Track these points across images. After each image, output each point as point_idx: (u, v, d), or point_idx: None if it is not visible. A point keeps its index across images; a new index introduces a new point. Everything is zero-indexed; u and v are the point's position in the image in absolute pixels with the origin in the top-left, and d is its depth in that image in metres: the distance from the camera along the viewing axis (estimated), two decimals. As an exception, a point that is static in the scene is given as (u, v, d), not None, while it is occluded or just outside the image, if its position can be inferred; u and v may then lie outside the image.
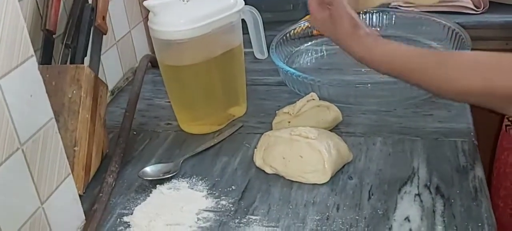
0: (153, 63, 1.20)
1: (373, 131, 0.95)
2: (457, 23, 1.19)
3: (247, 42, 1.09)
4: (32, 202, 0.69)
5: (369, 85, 1.01)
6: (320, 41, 1.28)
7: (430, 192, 0.79)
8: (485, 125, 1.00)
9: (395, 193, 0.80)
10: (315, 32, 1.29)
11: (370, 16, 1.31)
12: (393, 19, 1.28)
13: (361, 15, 1.30)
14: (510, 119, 1.06)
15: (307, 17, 1.37)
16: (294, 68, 1.10)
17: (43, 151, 0.71)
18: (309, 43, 1.29)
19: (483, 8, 1.34)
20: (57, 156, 0.74)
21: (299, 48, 1.27)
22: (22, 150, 0.67)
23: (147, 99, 1.14)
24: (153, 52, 1.06)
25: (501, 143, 1.10)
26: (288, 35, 1.25)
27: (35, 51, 0.70)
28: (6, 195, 0.64)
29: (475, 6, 1.34)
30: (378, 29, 1.28)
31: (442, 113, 0.98)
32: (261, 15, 1.06)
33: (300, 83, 1.06)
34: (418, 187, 0.81)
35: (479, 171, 0.82)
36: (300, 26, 1.28)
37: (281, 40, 1.22)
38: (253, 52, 1.20)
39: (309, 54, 1.26)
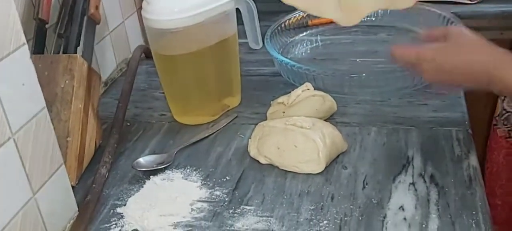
0: (147, 54, 1.19)
1: (368, 121, 0.95)
2: (453, 13, 1.18)
3: (242, 33, 1.08)
4: (24, 192, 0.69)
5: (364, 75, 1.00)
6: (315, 32, 1.28)
7: (425, 181, 0.79)
8: (476, 123, 0.98)
9: (390, 182, 0.80)
10: (310, 22, 1.29)
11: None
12: (389, 12, 1.27)
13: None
14: (497, 117, 1.06)
15: (302, 7, 1.37)
16: (289, 59, 1.09)
17: (35, 141, 0.70)
18: (304, 33, 1.28)
19: (478, -2, 1.34)
20: (50, 146, 0.74)
21: (294, 38, 1.26)
22: (14, 140, 0.66)
23: (141, 90, 1.13)
24: (147, 43, 1.06)
25: (490, 143, 1.11)
26: (283, 25, 1.24)
27: (27, 41, 0.69)
28: (-3, 185, 0.64)
29: (470, -4, 1.34)
30: (373, 19, 1.27)
31: (437, 102, 0.98)
32: (256, 5, 1.06)
33: (295, 73, 1.05)
34: (412, 176, 0.80)
35: (474, 160, 0.82)
36: (295, 16, 1.27)
37: (276, 31, 1.21)
38: (248, 42, 1.20)
39: (304, 44, 1.25)
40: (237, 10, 1.02)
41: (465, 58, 0.76)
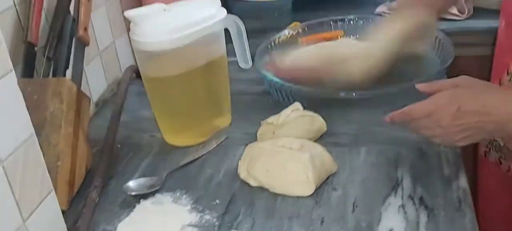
0: (138, 74, 1.19)
1: (358, 141, 0.95)
2: (442, 29, 1.19)
3: (232, 52, 1.09)
4: (14, 219, 0.68)
5: (354, 94, 1.00)
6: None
7: (414, 203, 0.79)
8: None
9: (379, 204, 0.80)
10: (300, 40, 1.29)
11: (355, 22, 1.30)
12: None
13: (346, 21, 1.30)
14: (489, 145, 1.06)
15: (293, 24, 1.37)
16: (279, 77, 1.09)
17: (24, 167, 0.70)
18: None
19: (467, 13, 1.35)
20: (39, 172, 0.73)
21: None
22: (3, 166, 0.66)
23: (131, 111, 1.13)
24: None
25: (482, 169, 1.11)
26: (272, 43, 1.25)
27: (16, 64, 0.69)
28: (-14, 214, 0.63)
29: (459, 12, 1.35)
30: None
31: (426, 122, 0.98)
32: (246, 23, 1.06)
33: (285, 93, 1.06)
34: (402, 198, 0.81)
35: (463, 181, 0.83)
36: (285, 35, 1.28)
37: (265, 49, 1.22)
38: (237, 61, 1.20)
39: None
40: (226, 30, 1.02)
41: (485, 98, 0.76)
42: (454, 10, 1.35)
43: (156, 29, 0.91)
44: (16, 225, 0.69)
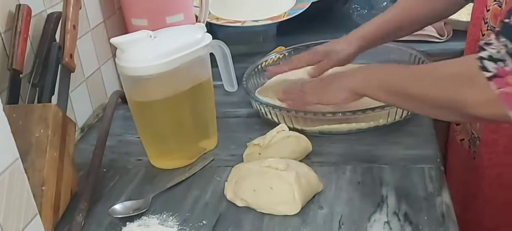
0: (124, 99, 1.19)
1: (343, 160, 0.96)
2: (422, 51, 1.22)
3: (217, 75, 1.10)
4: (-3, 244, 0.68)
5: (340, 113, 1.01)
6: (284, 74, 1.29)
7: (399, 219, 0.80)
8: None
9: (365, 221, 0.80)
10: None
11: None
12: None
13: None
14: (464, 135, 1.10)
15: (277, 49, 1.39)
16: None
17: (9, 192, 0.70)
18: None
19: (447, 36, 1.38)
20: (24, 197, 0.73)
21: (270, 79, 1.28)
22: (-13, 191, 0.66)
23: (117, 135, 1.13)
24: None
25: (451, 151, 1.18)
26: (259, 66, 1.26)
27: (1, 91, 0.69)
28: (-30, 238, 0.63)
29: (439, 34, 1.38)
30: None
31: (410, 140, 1.00)
32: (231, 48, 1.08)
33: (273, 114, 1.07)
34: (387, 214, 0.81)
35: (446, 197, 0.84)
36: (271, 58, 1.30)
37: (252, 72, 1.23)
38: (223, 85, 1.21)
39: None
40: (212, 54, 1.03)
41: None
42: (434, 33, 1.38)
43: (142, 54, 0.92)
44: (1, 250, 0.68)
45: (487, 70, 0.70)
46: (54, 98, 0.96)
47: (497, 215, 1.06)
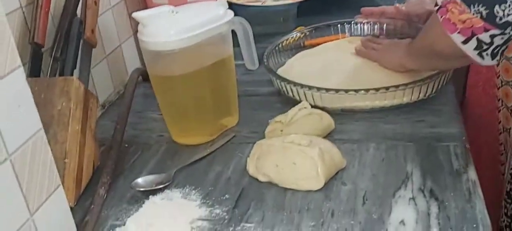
0: (144, 77, 1.19)
1: (366, 138, 0.95)
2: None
3: (239, 55, 1.09)
4: (21, 213, 0.68)
5: (362, 91, 1.00)
6: (309, 52, 1.28)
7: (424, 196, 0.79)
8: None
9: (390, 197, 0.79)
10: (306, 42, 1.30)
11: (361, 26, 1.31)
12: (384, 27, 1.29)
13: (352, 24, 1.30)
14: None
15: (298, 29, 1.38)
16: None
17: (32, 162, 0.70)
18: (300, 53, 1.28)
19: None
20: (47, 167, 0.73)
21: (290, 58, 1.26)
22: (10, 160, 0.66)
23: (138, 112, 1.13)
24: (144, 66, 1.06)
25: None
26: (280, 46, 1.25)
27: (23, 64, 0.69)
28: (-6, 205, 0.63)
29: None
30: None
31: (434, 119, 0.98)
32: (251, 28, 1.07)
33: (295, 92, 1.06)
34: (412, 191, 0.80)
35: (472, 174, 0.82)
36: (292, 37, 1.28)
37: (273, 51, 1.22)
38: (244, 64, 1.20)
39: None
40: (233, 32, 1.03)
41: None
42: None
43: (164, 29, 0.91)
44: (23, 219, 0.68)
45: (437, 5, 0.83)
46: (75, 74, 0.96)
47: None
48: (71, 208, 0.80)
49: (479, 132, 1.20)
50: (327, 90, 1.01)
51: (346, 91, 1.00)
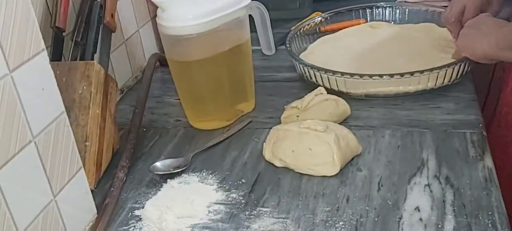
0: (162, 62, 1.21)
1: (382, 124, 0.96)
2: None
3: (255, 40, 1.09)
4: (44, 194, 0.70)
5: (384, 77, 1.00)
6: (327, 38, 1.28)
7: (440, 182, 0.79)
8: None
9: (405, 184, 0.80)
10: (322, 28, 1.30)
11: (383, 11, 1.31)
12: (406, 13, 1.28)
13: (374, 9, 1.30)
14: None
15: (314, 14, 1.38)
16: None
17: (55, 144, 0.72)
18: (321, 39, 1.28)
19: None
20: (69, 150, 0.75)
21: (308, 44, 1.26)
22: (35, 142, 0.67)
23: (156, 97, 1.15)
24: (162, 51, 1.07)
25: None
26: (301, 30, 1.25)
27: (46, 48, 0.71)
28: (19, 186, 0.65)
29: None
30: (392, 22, 1.29)
31: (450, 105, 0.98)
32: (268, 14, 1.07)
33: (318, 77, 1.06)
34: (427, 177, 0.81)
35: (489, 161, 0.82)
36: (313, 22, 1.29)
37: (295, 36, 1.22)
38: (261, 49, 1.21)
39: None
40: (250, 17, 1.03)
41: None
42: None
43: (183, 14, 0.92)
44: (47, 200, 0.70)
45: None
46: (96, 58, 0.97)
47: None
48: (92, 191, 0.82)
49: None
50: (352, 75, 1.02)
51: (371, 76, 1.00)
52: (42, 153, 0.69)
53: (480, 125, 0.92)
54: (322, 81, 1.05)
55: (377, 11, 1.30)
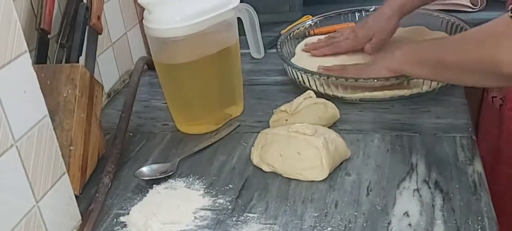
0: (150, 66, 1.19)
1: (371, 128, 0.95)
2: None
3: (244, 43, 1.08)
4: (26, 200, 0.68)
5: (375, 80, 0.99)
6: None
7: (429, 187, 0.78)
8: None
9: (394, 188, 0.79)
10: (312, 32, 1.29)
11: (365, 14, 1.30)
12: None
13: (363, 12, 1.30)
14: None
15: (304, 18, 1.37)
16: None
17: (37, 148, 0.70)
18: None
19: (480, 6, 1.34)
20: (52, 154, 0.73)
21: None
22: (16, 147, 0.66)
23: (143, 101, 1.13)
24: (150, 54, 1.06)
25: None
26: (289, 36, 1.24)
27: (30, 51, 0.69)
28: (0, 191, 0.63)
29: (472, 4, 1.35)
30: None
31: (440, 109, 0.98)
32: (257, 17, 1.06)
33: (311, 81, 1.05)
34: (417, 182, 0.80)
35: (478, 166, 0.82)
36: (303, 26, 1.28)
37: (285, 40, 1.22)
38: (249, 53, 1.20)
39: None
40: (239, 20, 1.02)
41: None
42: (467, 2, 1.34)
43: (170, 16, 0.91)
44: (29, 206, 0.69)
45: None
46: (81, 60, 0.95)
47: None
48: (76, 196, 0.80)
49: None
50: (346, 79, 1.01)
51: (365, 80, 1.00)
52: (24, 157, 0.68)
53: (470, 129, 0.91)
54: (316, 86, 1.04)
55: (366, 14, 1.29)
